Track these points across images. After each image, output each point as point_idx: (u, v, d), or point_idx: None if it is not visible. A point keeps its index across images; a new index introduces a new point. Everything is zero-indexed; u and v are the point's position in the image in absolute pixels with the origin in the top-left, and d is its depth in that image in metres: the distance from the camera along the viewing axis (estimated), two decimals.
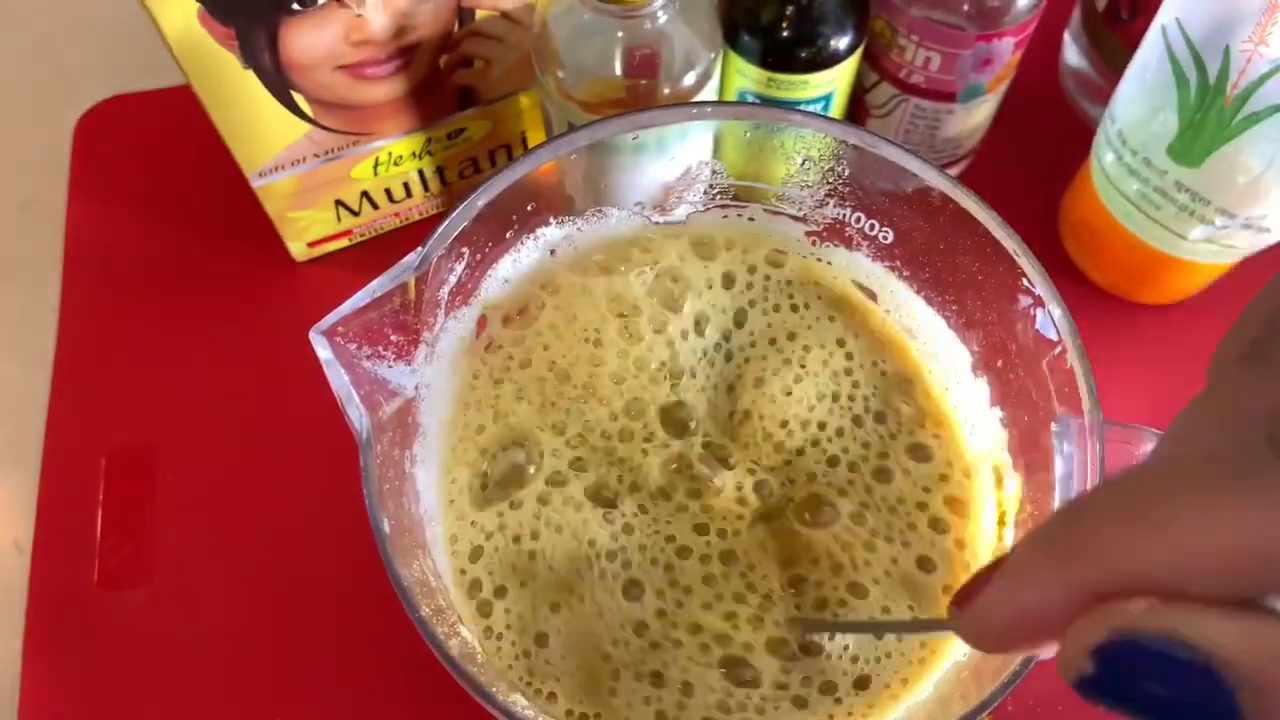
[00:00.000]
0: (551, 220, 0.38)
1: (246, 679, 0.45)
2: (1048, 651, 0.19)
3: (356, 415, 0.31)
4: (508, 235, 0.37)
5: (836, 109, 0.49)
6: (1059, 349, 0.32)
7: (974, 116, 0.50)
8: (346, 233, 0.52)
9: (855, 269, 0.39)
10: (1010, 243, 0.33)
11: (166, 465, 0.49)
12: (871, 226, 0.38)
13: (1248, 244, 0.46)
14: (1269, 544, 0.15)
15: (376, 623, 0.41)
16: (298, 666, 0.45)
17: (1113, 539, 0.16)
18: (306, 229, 0.51)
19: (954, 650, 0.34)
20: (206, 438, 0.49)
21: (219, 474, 0.48)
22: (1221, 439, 0.16)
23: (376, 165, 0.49)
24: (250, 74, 0.42)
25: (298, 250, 0.52)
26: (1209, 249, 0.47)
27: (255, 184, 0.47)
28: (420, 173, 0.51)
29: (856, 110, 0.52)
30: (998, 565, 0.19)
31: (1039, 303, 0.33)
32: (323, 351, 0.31)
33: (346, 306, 0.32)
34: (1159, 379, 0.50)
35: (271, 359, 0.50)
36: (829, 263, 0.39)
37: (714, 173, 0.38)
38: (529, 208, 0.36)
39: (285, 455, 0.48)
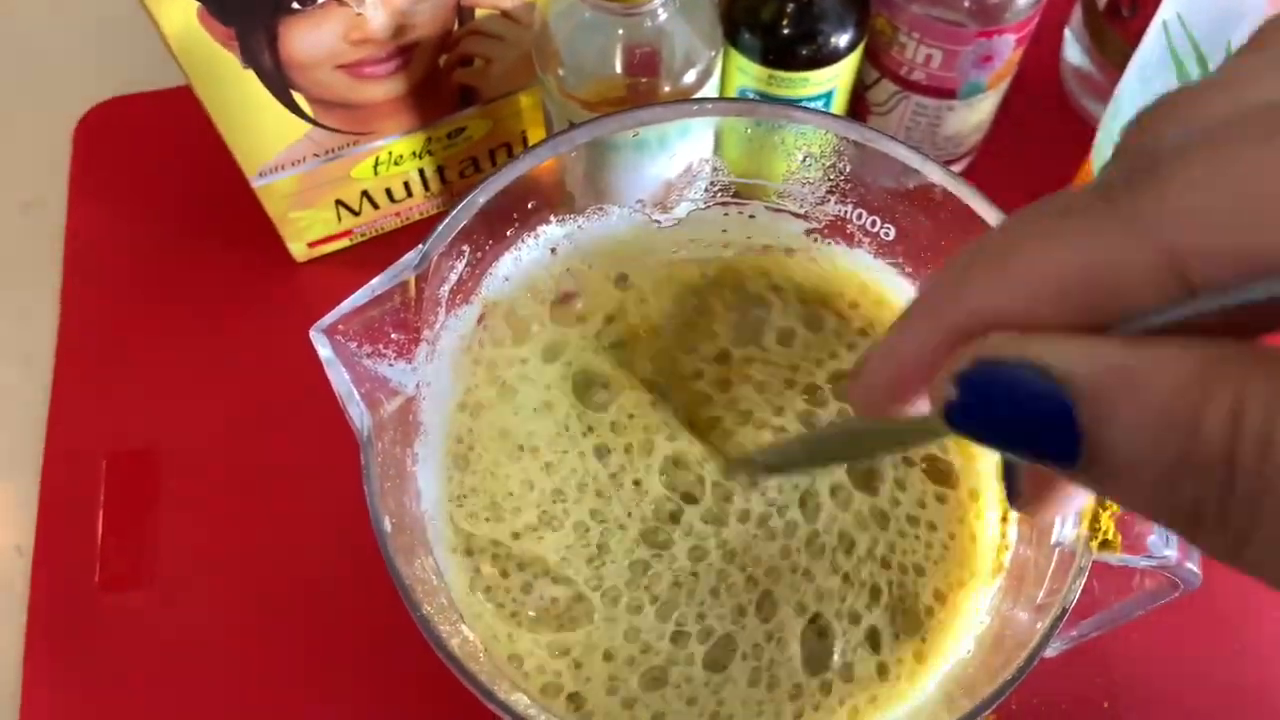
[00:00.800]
0: (552, 218, 0.38)
1: (248, 680, 0.45)
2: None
3: (357, 414, 0.31)
4: (508, 233, 0.36)
5: (837, 106, 0.49)
6: None
7: (975, 114, 0.50)
8: (347, 233, 0.52)
9: (857, 266, 0.39)
10: None
11: (167, 467, 0.48)
12: (873, 223, 0.38)
13: None
14: (1094, 265, 0.16)
15: (378, 622, 0.41)
16: (299, 667, 0.45)
17: (971, 282, 0.18)
18: (307, 229, 0.51)
19: (958, 648, 0.34)
20: (207, 439, 0.49)
21: (220, 476, 0.48)
22: (1067, 196, 0.17)
23: (377, 165, 0.49)
24: (250, 74, 0.42)
25: (298, 250, 0.52)
26: None
27: (255, 184, 0.47)
28: (420, 172, 0.51)
29: (857, 107, 0.52)
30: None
31: None
32: (323, 350, 0.31)
33: (347, 305, 0.31)
34: None
35: (272, 359, 0.50)
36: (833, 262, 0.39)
37: (715, 170, 0.38)
38: (529, 205, 0.36)
39: (286, 456, 0.48)
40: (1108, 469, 0.16)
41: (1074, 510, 0.21)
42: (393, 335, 0.33)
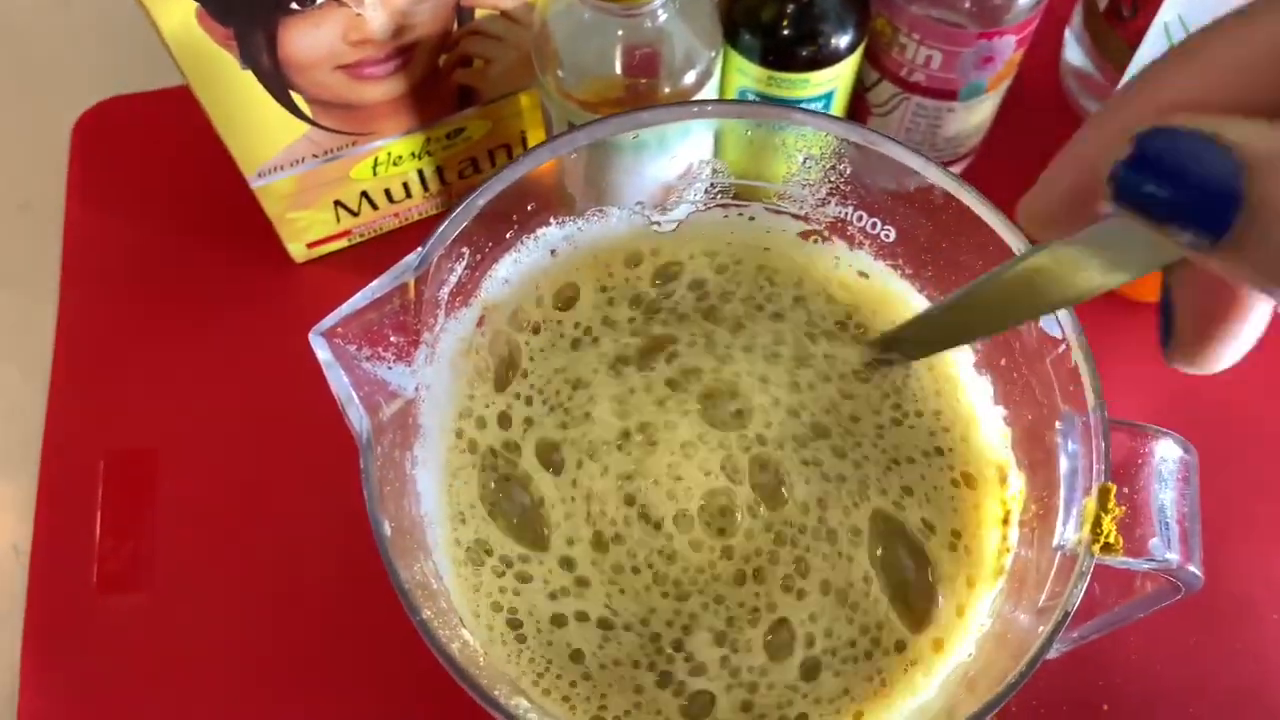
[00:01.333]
0: (552, 220, 0.37)
1: (245, 680, 0.44)
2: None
3: (357, 416, 0.31)
4: (508, 235, 0.36)
5: (837, 108, 0.49)
6: (1063, 347, 0.32)
7: (975, 115, 0.50)
8: (346, 233, 0.52)
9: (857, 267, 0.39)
10: (1014, 240, 0.33)
11: (166, 468, 0.48)
12: (873, 225, 0.38)
13: None
14: None
15: (378, 624, 0.41)
16: (298, 668, 0.45)
17: (1159, 77, 0.19)
18: (306, 230, 0.51)
19: (960, 649, 0.34)
20: (205, 440, 0.49)
21: (218, 477, 0.48)
22: (1242, 7, 0.19)
23: (376, 165, 0.49)
24: (249, 74, 0.42)
25: (297, 251, 0.52)
26: None
27: (254, 184, 0.47)
28: (420, 173, 0.51)
29: (858, 109, 0.52)
30: None
31: None
32: (322, 353, 0.31)
33: (346, 307, 0.31)
34: (1162, 377, 0.50)
35: (271, 361, 0.49)
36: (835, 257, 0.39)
37: (715, 171, 0.38)
38: (529, 208, 0.36)
39: (285, 457, 0.48)
40: (1258, 239, 0.17)
41: (1235, 353, 0.21)
42: (392, 338, 0.32)
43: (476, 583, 0.35)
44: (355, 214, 0.51)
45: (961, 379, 0.38)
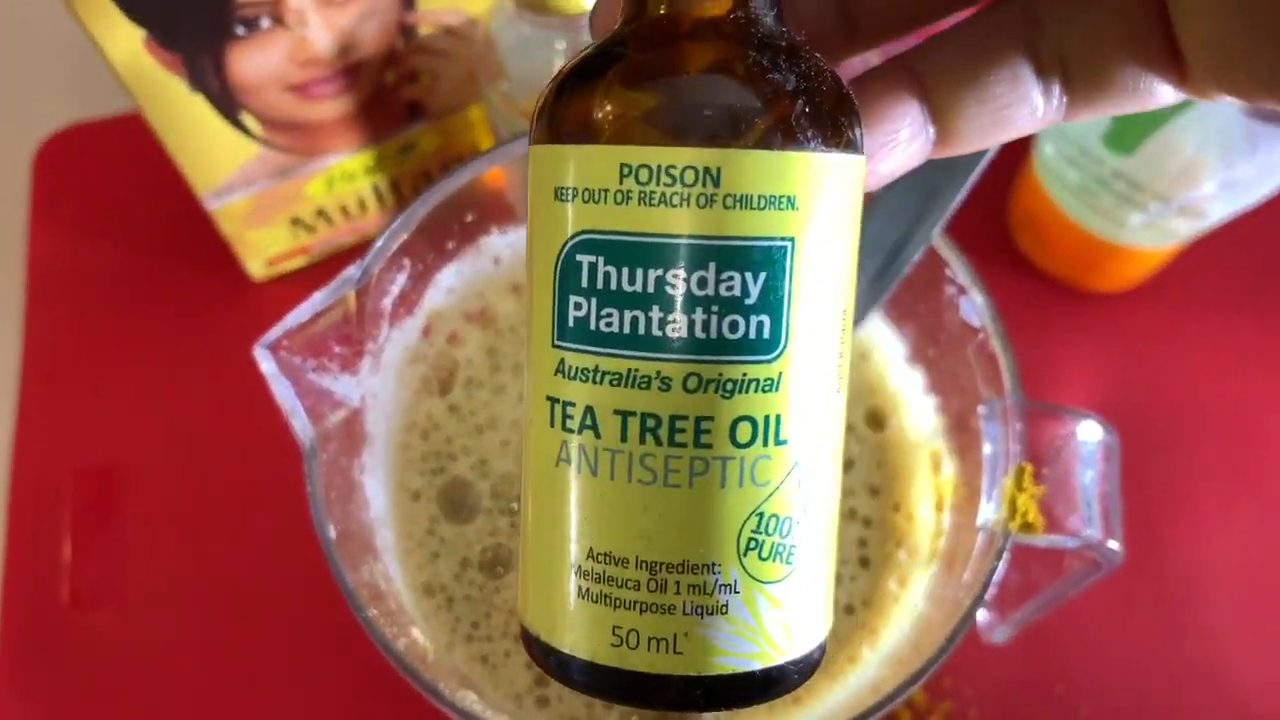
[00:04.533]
0: (493, 229, 0.38)
1: (218, 695, 0.45)
2: None
3: (300, 426, 0.32)
4: (449, 245, 0.37)
5: None
6: (981, 335, 0.33)
7: None
8: (304, 249, 0.53)
9: None
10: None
11: (134, 484, 0.49)
12: None
13: (1186, 229, 0.47)
14: None
15: (343, 632, 0.41)
16: (269, 678, 0.45)
17: None
18: (264, 248, 0.52)
19: (899, 631, 0.35)
20: (173, 456, 0.50)
21: (183, 490, 0.49)
22: None
23: (330, 182, 0.50)
24: (199, 98, 0.43)
25: (256, 269, 0.53)
26: (1149, 235, 0.48)
27: (210, 206, 0.48)
28: (375, 188, 0.52)
29: None
30: None
31: (962, 291, 0.34)
32: (266, 365, 0.32)
33: (290, 320, 0.32)
34: (1109, 366, 0.51)
35: (231, 376, 0.50)
36: None
37: None
38: (469, 218, 0.37)
39: (248, 470, 0.49)
40: None
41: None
42: (336, 349, 0.33)
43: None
44: (312, 230, 0.52)
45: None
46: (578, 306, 0.20)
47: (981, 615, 0.38)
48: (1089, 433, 0.33)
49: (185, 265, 0.54)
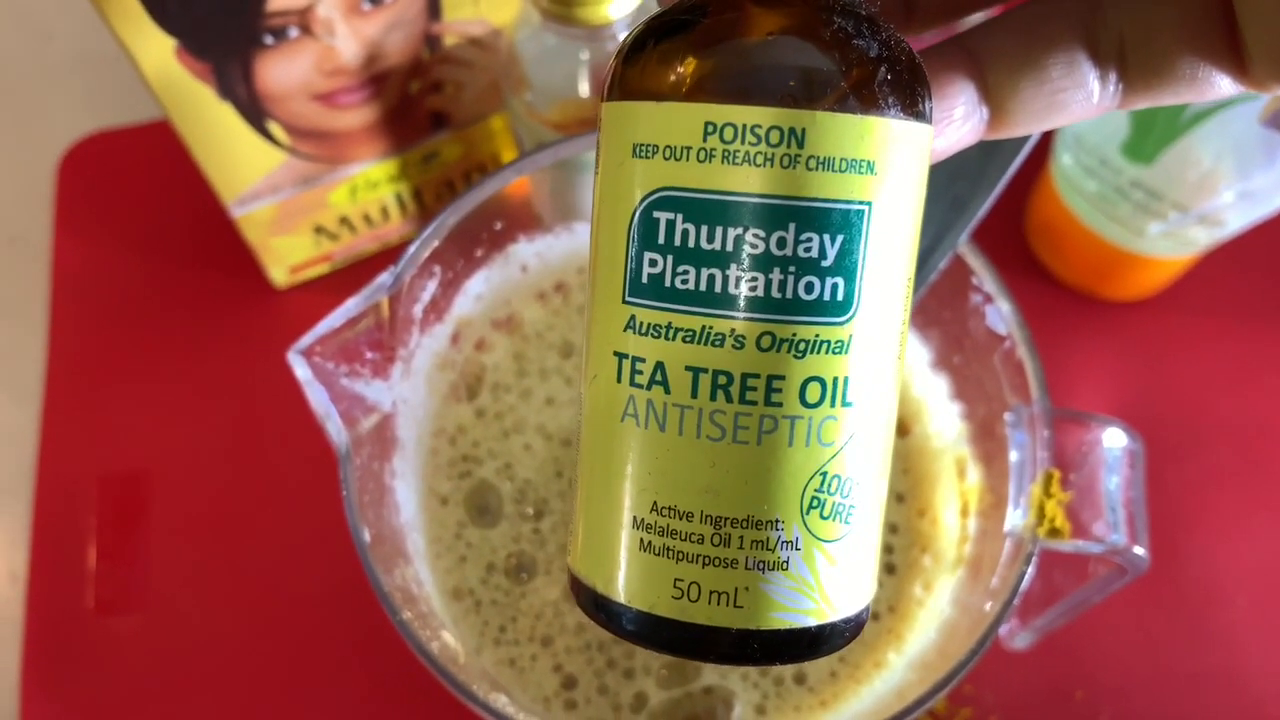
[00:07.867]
0: (521, 237, 0.39)
1: (244, 698, 0.45)
2: None
3: (335, 430, 0.32)
4: (478, 253, 0.38)
5: None
6: (1008, 342, 0.33)
7: None
8: (327, 257, 0.53)
9: None
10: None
11: (158, 490, 0.50)
12: None
13: (1204, 238, 0.48)
14: None
15: (370, 636, 0.42)
16: (295, 685, 0.45)
17: None
18: (287, 255, 0.52)
19: (926, 635, 0.36)
20: (197, 461, 0.50)
21: (209, 496, 0.49)
22: None
23: (354, 190, 0.50)
24: (227, 106, 0.44)
25: (279, 276, 0.53)
26: (1167, 244, 0.48)
27: (235, 213, 0.48)
28: (397, 196, 0.52)
29: None
30: None
31: (988, 299, 0.34)
32: (301, 371, 0.32)
33: (323, 326, 0.33)
34: (1127, 374, 0.52)
35: (257, 382, 0.51)
36: None
37: None
38: (498, 226, 0.38)
39: (274, 475, 0.49)
40: None
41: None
42: (368, 355, 0.34)
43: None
44: (335, 238, 0.52)
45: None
46: (652, 263, 0.20)
47: None
48: (1114, 439, 0.33)
49: (208, 273, 0.54)
